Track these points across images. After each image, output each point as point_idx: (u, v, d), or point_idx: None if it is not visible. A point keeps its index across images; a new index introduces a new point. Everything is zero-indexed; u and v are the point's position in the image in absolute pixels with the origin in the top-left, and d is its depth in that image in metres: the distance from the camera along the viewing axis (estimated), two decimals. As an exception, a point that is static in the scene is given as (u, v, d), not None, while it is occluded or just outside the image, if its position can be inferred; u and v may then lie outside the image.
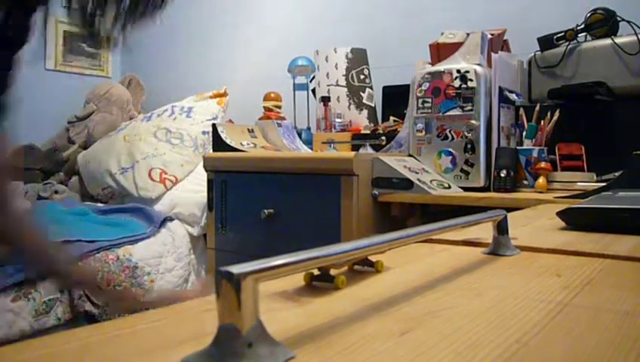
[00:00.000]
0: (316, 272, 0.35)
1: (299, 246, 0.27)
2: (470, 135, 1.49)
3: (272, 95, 2.31)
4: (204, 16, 3.10)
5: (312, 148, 1.98)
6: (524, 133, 1.53)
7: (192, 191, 2.20)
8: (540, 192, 1.38)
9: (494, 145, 1.50)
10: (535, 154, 1.46)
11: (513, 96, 1.61)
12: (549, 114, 1.53)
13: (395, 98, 2.02)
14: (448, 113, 1.51)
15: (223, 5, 3.00)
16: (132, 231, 1.92)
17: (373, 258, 0.40)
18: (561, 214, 0.62)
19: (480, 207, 0.99)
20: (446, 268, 0.41)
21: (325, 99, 2.06)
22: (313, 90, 2.21)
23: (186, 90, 2.92)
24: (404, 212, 1.48)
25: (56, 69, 3.28)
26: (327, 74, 2.09)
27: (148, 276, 1.86)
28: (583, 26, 1.62)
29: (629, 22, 1.55)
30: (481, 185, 1.49)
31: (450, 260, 0.44)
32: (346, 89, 2.07)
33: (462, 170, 1.50)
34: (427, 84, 1.55)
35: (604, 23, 1.59)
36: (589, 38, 1.65)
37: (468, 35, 1.63)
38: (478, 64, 1.51)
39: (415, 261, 0.45)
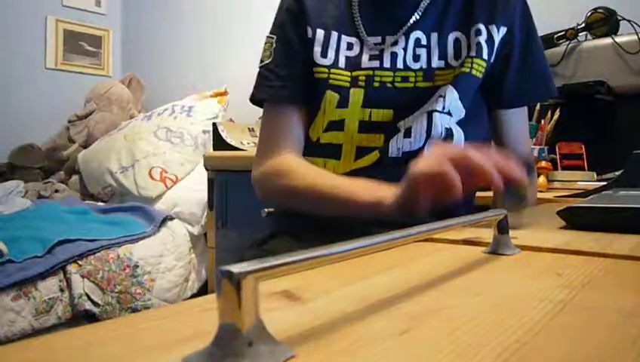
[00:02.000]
0: None
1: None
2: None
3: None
4: (205, 14, 3.10)
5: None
6: (524, 132, 1.53)
7: (192, 190, 2.20)
8: (541, 191, 1.38)
9: (495, 144, 1.50)
10: (536, 153, 1.46)
11: (514, 95, 1.61)
12: (549, 113, 1.53)
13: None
14: (449, 112, 1.51)
15: (223, 4, 3.00)
16: (132, 230, 1.92)
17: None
18: (561, 213, 0.62)
19: (480, 206, 0.99)
20: (446, 267, 0.41)
21: (326, 98, 2.06)
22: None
23: (187, 89, 2.92)
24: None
25: (56, 68, 3.28)
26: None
27: (148, 275, 1.86)
28: (583, 25, 1.62)
29: (629, 21, 1.55)
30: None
31: (450, 259, 0.44)
32: (346, 88, 2.07)
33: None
34: (427, 83, 1.55)
35: (604, 22, 1.59)
36: (589, 37, 1.65)
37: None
38: (479, 63, 1.51)
39: (415, 260, 0.45)
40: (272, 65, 0.89)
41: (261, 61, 0.91)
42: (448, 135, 0.83)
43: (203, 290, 2.06)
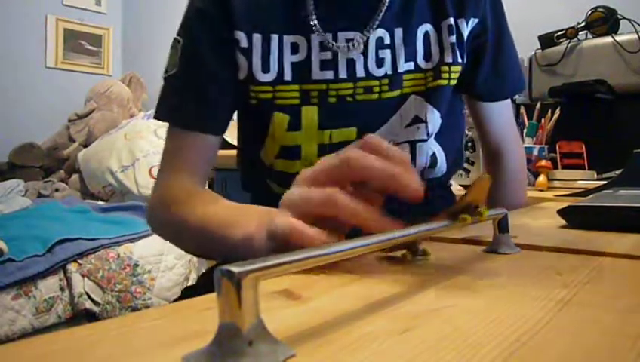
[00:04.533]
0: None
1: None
2: (471, 133, 1.49)
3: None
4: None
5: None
6: (524, 131, 1.53)
7: (192, 189, 2.20)
8: (541, 190, 1.38)
9: (495, 143, 1.50)
10: (536, 152, 1.46)
11: (514, 94, 1.61)
12: (549, 112, 1.54)
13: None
14: (449, 111, 1.51)
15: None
16: (132, 229, 1.92)
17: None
18: (561, 212, 0.62)
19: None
20: (446, 266, 0.41)
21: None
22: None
23: (187, 88, 2.91)
24: (404, 210, 1.48)
25: (56, 67, 3.28)
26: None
27: (148, 274, 1.86)
28: (583, 24, 1.62)
29: (629, 20, 1.55)
30: (482, 184, 1.49)
31: (450, 258, 0.44)
32: (346, 87, 2.06)
33: (462, 168, 1.50)
34: (428, 82, 1.55)
35: (604, 21, 1.59)
36: (589, 36, 1.65)
37: (468, 33, 1.62)
38: (479, 62, 1.51)
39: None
40: (176, 78, 0.73)
41: (165, 70, 0.75)
42: (433, 161, 0.75)
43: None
